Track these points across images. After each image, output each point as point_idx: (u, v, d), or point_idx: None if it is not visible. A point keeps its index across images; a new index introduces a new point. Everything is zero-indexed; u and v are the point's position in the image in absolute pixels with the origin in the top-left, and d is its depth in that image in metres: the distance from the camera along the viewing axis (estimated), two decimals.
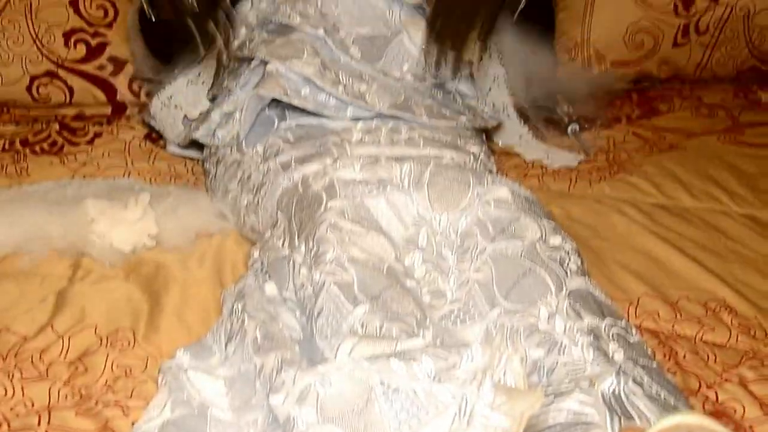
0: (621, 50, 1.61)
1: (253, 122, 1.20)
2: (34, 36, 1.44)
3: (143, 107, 1.44)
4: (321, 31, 1.20)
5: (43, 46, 1.44)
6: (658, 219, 1.26)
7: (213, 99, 1.29)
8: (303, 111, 1.21)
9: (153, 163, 1.38)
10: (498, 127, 1.40)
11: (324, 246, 0.95)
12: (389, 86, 1.21)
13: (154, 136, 1.43)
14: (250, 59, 1.24)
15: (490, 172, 1.17)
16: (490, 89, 1.42)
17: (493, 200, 1.02)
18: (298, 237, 1.01)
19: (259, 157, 1.18)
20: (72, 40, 1.45)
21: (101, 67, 1.47)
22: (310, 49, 1.18)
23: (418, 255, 0.99)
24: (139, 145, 1.41)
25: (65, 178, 1.31)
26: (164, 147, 1.40)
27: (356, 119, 1.19)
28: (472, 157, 1.16)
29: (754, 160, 1.40)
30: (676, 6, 1.59)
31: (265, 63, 1.20)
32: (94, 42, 1.46)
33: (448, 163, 1.10)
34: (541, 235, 0.99)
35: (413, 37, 1.25)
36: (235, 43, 1.27)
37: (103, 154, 1.38)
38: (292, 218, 1.05)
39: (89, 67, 1.47)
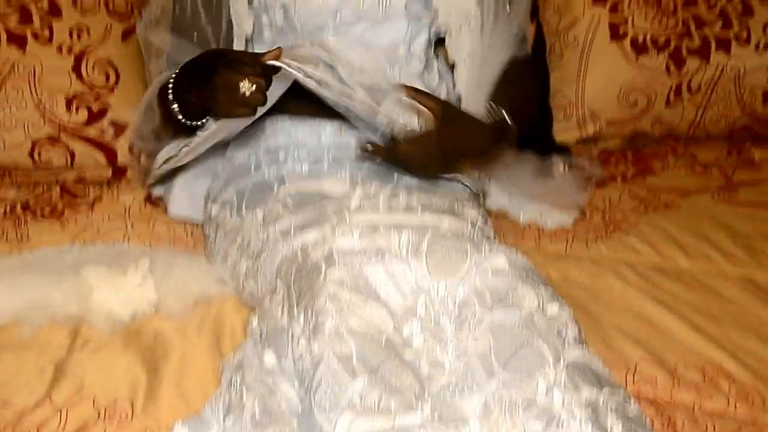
0: (615, 109, 1.64)
1: None
2: (37, 101, 1.46)
3: (144, 169, 1.44)
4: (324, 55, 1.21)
5: (45, 111, 1.46)
6: (654, 281, 1.27)
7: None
8: (302, 176, 1.23)
9: (153, 226, 1.38)
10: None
11: (323, 317, 0.96)
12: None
13: (154, 199, 1.44)
14: None
15: (488, 238, 1.18)
16: None
17: (491, 269, 1.03)
18: (297, 306, 1.02)
19: (258, 223, 1.19)
20: (74, 105, 1.47)
21: (102, 131, 1.49)
22: (323, 64, 1.17)
23: (416, 324, 1.00)
24: (139, 208, 1.42)
25: (65, 243, 1.31)
26: (164, 210, 1.41)
27: (354, 184, 1.20)
28: (469, 224, 1.17)
29: (749, 220, 1.41)
30: (668, 66, 1.62)
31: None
32: (95, 106, 1.48)
33: (446, 231, 1.11)
34: (539, 304, 1.00)
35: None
36: None
37: (103, 218, 1.39)
38: (291, 287, 1.06)
39: (91, 131, 1.49)
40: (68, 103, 1.47)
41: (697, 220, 1.42)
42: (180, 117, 1.16)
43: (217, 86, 1.08)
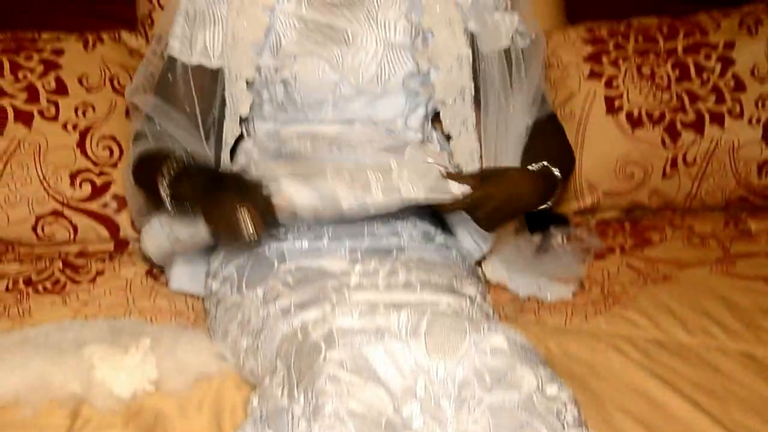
0: (612, 181, 1.66)
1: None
2: (42, 177, 1.48)
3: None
4: (334, 149, 1.23)
5: (49, 186, 1.48)
6: (654, 356, 1.27)
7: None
8: (302, 252, 1.24)
9: (154, 300, 1.39)
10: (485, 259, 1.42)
11: (323, 398, 0.96)
12: (419, 165, 1.23)
13: (156, 272, 1.45)
14: None
15: (487, 315, 1.19)
16: None
17: (490, 348, 1.03)
18: (297, 387, 1.02)
19: (258, 300, 1.20)
20: (78, 180, 1.50)
21: (105, 205, 1.51)
22: (332, 167, 1.19)
23: (416, 405, 1.00)
24: (141, 282, 1.43)
25: (67, 319, 1.32)
26: (165, 284, 1.42)
27: (354, 261, 1.21)
28: (468, 301, 1.17)
29: (747, 293, 1.42)
30: (663, 139, 1.64)
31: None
32: (99, 181, 1.51)
33: (445, 310, 1.12)
34: (538, 385, 1.00)
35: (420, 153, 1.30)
36: (235, 167, 1.32)
37: (104, 292, 1.40)
38: (291, 367, 1.06)
39: (94, 206, 1.51)
40: (72, 179, 1.49)
41: (696, 294, 1.42)
42: (170, 208, 1.17)
43: (218, 202, 1.10)
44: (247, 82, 1.26)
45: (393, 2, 1.28)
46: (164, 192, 1.16)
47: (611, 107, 1.65)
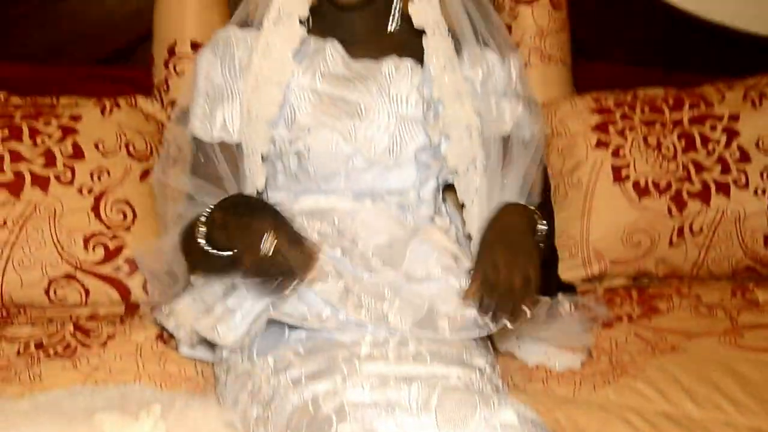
0: (619, 249, 1.67)
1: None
2: (55, 241, 1.50)
3: (156, 307, 1.47)
4: (338, 252, 1.25)
5: (63, 250, 1.50)
6: (663, 429, 1.27)
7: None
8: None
9: (164, 366, 1.39)
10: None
11: None
12: (412, 298, 1.24)
13: (166, 337, 1.46)
14: None
15: (497, 388, 1.19)
16: None
17: (500, 424, 1.04)
18: None
19: (269, 369, 1.20)
20: (91, 244, 1.51)
21: (117, 269, 1.53)
22: (333, 272, 1.22)
23: None
24: (151, 347, 1.43)
25: (77, 384, 1.32)
26: (175, 348, 1.43)
27: (364, 331, 1.22)
28: (478, 373, 1.18)
29: (757, 365, 1.41)
30: (669, 209, 1.66)
31: None
32: (112, 245, 1.52)
33: (456, 383, 1.12)
34: None
35: (432, 237, 1.31)
36: None
37: (115, 357, 1.40)
38: None
39: (106, 269, 1.52)
40: (86, 242, 1.51)
41: (705, 365, 1.42)
42: (206, 247, 1.17)
43: (247, 228, 1.11)
44: (262, 157, 1.28)
45: (405, 76, 1.31)
46: (200, 234, 1.17)
47: (618, 176, 1.67)
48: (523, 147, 1.33)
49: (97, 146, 1.57)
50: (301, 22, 1.28)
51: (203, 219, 1.18)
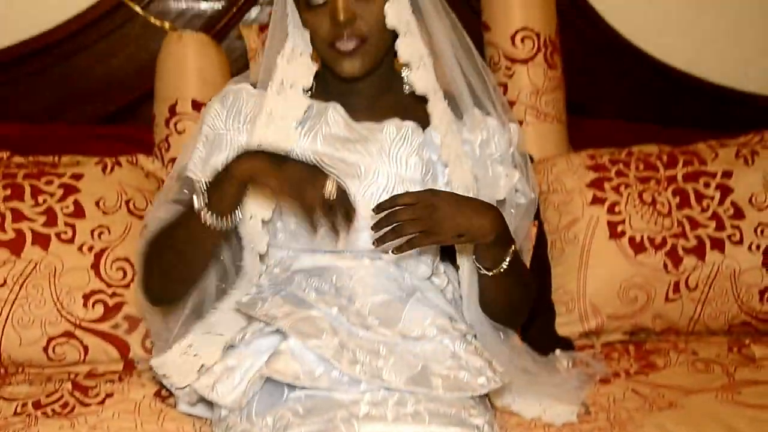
0: (616, 304, 1.68)
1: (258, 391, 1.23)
2: (55, 299, 1.51)
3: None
4: (335, 310, 1.26)
5: (63, 308, 1.51)
6: None
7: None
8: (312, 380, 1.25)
9: (162, 424, 1.39)
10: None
11: None
12: (407, 356, 1.25)
13: (164, 394, 1.46)
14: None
15: None
16: None
17: None
18: None
19: (268, 430, 1.20)
20: (91, 302, 1.52)
21: (116, 326, 1.53)
22: (329, 329, 1.23)
23: None
24: (149, 405, 1.43)
25: None
26: (174, 405, 1.42)
27: (363, 390, 1.22)
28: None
29: (754, 422, 1.41)
30: (665, 264, 1.67)
31: (280, 332, 1.25)
32: (111, 302, 1.53)
33: None
34: None
35: (429, 296, 1.32)
36: (245, 299, 1.33)
37: (113, 415, 1.40)
38: None
39: (105, 326, 1.53)
40: (85, 300, 1.52)
41: (703, 422, 1.41)
42: (208, 213, 1.18)
43: (299, 176, 1.14)
44: (263, 221, 1.29)
45: (405, 138, 1.33)
46: (200, 201, 1.18)
47: (614, 232, 1.69)
48: (513, 212, 1.34)
49: (97, 204, 1.58)
50: (305, 90, 1.31)
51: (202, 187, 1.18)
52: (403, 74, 1.31)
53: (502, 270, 1.28)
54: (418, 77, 1.30)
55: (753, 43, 2.14)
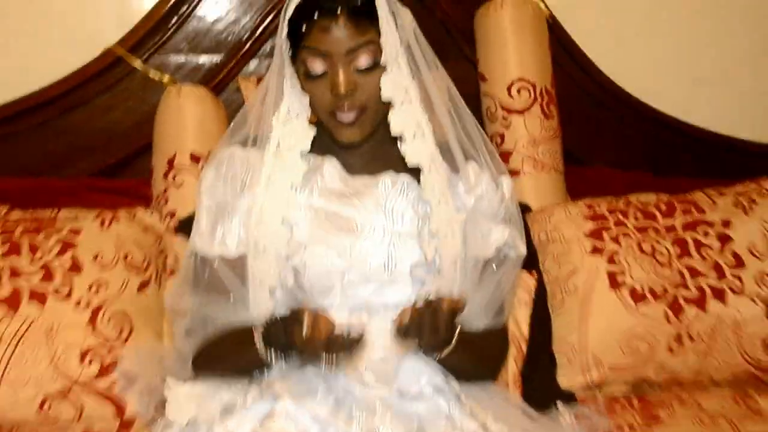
0: (618, 356, 1.66)
1: None
2: (51, 356, 1.49)
3: (153, 420, 1.45)
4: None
5: (58, 366, 1.49)
6: None
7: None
8: None
9: None
10: None
11: None
12: (404, 413, 1.24)
13: None
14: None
15: None
16: None
17: None
18: None
19: None
20: (87, 358, 1.50)
21: (113, 383, 1.51)
22: (324, 387, 1.22)
23: None
24: None
25: None
26: None
27: None
28: None
29: None
30: (667, 315, 1.65)
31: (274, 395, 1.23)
32: (107, 359, 1.51)
33: None
34: None
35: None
36: None
37: None
38: None
39: (101, 384, 1.51)
40: (82, 357, 1.50)
41: None
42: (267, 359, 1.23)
43: (314, 327, 1.15)
44: (270, 290, 1.29)
45: (401, 193, 1.33)
46: (260, 342, 1.23)
47: (614, 282, 1.67)
48: (495, 269, 1.33)
49: (95, 259, 1.58)
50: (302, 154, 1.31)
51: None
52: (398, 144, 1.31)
53: (449, 350, 1.25)
54: (412, 149, 1.29)
55: (746, 89, 2.16)
